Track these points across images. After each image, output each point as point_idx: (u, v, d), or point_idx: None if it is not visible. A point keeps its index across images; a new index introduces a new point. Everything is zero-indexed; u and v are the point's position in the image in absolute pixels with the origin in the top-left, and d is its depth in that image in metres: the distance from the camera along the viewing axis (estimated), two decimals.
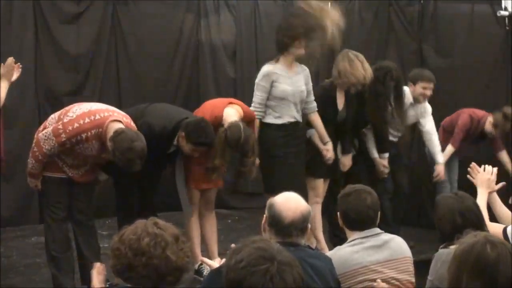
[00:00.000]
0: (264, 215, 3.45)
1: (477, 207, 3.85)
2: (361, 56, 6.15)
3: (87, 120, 5.03)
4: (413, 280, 3.83)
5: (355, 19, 8.19)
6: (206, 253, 5.89)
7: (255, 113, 5.92)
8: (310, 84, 6.16)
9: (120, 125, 5.02)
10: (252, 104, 6.00)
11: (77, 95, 7.70)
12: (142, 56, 7.99)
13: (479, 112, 7.13)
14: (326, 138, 6.15)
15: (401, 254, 3.82)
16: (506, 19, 7.16)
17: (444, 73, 7.55)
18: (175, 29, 8.38)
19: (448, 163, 7.13)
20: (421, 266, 4.18)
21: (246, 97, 6.91)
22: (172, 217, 6.64)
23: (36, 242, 6.89)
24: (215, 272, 3.24)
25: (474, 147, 7.22)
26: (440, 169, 6.91)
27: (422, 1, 7.73)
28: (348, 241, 3.82)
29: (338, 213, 3.89)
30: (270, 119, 5.98)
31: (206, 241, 5.98)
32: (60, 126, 5.06)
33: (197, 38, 8.40)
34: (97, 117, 5.05)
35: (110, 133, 4.95)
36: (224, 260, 3.27)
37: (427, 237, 6.75)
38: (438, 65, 7.62)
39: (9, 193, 7.27)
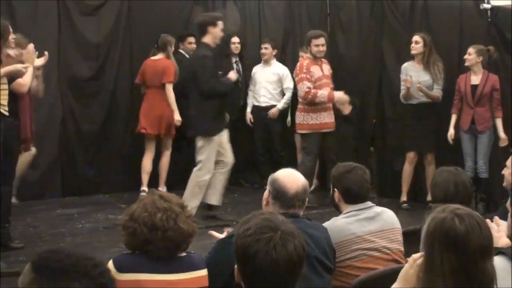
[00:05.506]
0: (267, 190, 3.55)
1: (470, 185, 4.01)
2: None
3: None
4: (402, 249, 3.93)
5: (353, 13, 8.55)
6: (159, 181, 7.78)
7: None
8: None
9: None
10: None
11: (96, 80, 8.21)
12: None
13: None
14: None
15: (392, 225, 3.93)
16: (488, 11, 7.38)
17: None
18: (184, 20, 8.77)
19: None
20: (409, 236, 4.46)
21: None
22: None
23: (61, 214, 7.28)
24: (222, 242, 3.37)
25: None
26: None
27: None
28: (343, 213, 3.92)
29: (336, 189, 3.97)
30: None
31: (160, 171, 7.81)
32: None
33: None
34: None
35: None
36: (228, 232, 3.48)
37: (419, 210, 6.92)
38: None
39: (35, 169, 7.67)
